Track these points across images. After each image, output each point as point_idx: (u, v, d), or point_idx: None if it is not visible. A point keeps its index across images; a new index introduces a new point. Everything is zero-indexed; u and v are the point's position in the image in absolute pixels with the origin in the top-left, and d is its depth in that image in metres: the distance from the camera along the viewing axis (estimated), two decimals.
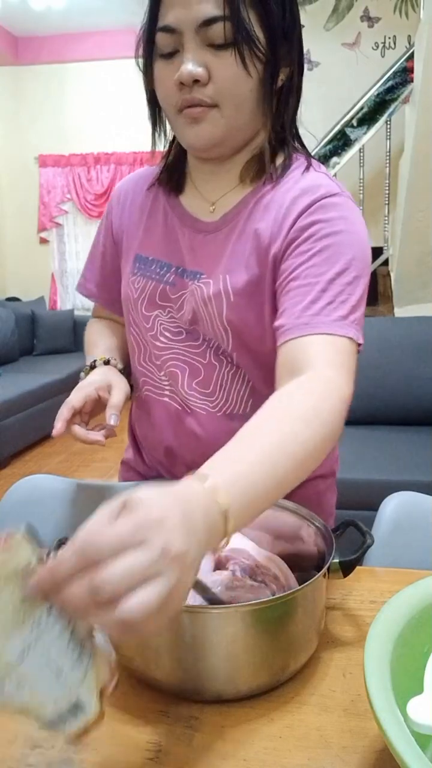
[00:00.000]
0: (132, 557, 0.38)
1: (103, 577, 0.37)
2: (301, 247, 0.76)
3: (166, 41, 0.74)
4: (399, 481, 1.93)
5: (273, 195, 0.81)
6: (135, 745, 0.51)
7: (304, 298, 0.73)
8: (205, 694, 0.55)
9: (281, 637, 0.56)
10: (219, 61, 0.73)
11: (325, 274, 0.73)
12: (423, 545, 0.83)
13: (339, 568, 0.63)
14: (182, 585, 0.40)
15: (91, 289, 1.02)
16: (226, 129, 0.77)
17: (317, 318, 0.71)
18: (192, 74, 0.72)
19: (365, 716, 0.53)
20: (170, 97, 0.76)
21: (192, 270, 0.84)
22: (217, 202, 0.85)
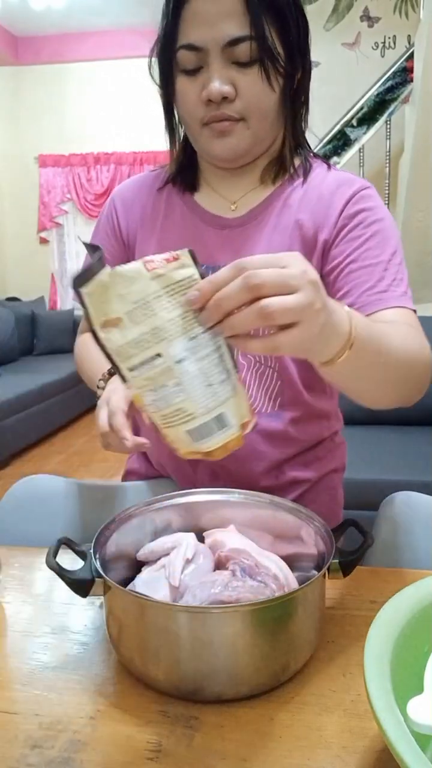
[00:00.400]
0: (278, 269, 0.45)
1: (256, 272, 0.44)
2: (353, 233, 0.83)
3: (189, 58, 0.77)
4: (399, 481, 1.93)
5: (305, 190, 0.87)
6: (135, 745, 0.51)
7: (369, 278, 0.80)
8: (205, 694, 0.55)
9: (281, 637, 0.56)
10: (245, 77, 0.77)
11: (381, 256, 0.81)
12: (423, 545, 0.83)
13: (339, 568, 0.63)
14: (314, 307, 0.46)
15: None
16: (252, 141, 0.82)
17: (386, 294, 0.79)
18: (221, 92, 0.76)
19: (365, 716, 0.53)
20: (195, 112, 0.80)
21: (224, 265, 0.85)
22: (239, 200, 0.89)
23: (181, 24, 0.77)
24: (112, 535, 0.68)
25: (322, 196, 0.86)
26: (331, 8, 4.44)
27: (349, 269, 0.82)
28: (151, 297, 0.45)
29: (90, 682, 0.59)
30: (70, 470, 3.57)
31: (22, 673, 0.61)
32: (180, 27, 0.77)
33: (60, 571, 0.59)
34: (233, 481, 0.90)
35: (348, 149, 4.00)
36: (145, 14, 5.00)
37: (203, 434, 0.48)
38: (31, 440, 3.97)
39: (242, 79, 0.77)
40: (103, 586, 0.59)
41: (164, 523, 0.75)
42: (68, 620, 0.70)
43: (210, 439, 0.48)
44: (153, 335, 0.45)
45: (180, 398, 0.46)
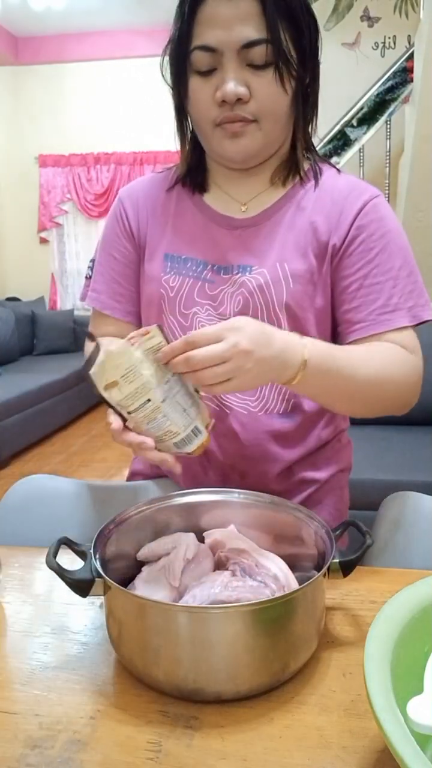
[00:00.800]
0: (213, 347, 0.62)
1: (194, 355, 0.62)
2: (364, 245, 0.86)
3: (203, 59, 0.79)
4: (399, 481, 1.93)
5: (318, 194, 0.89)
6: (135, 745, 0.51)
7: (379, 295, 0.85)
8: (205, 694, 0.55)
9: (281, 637, 0.56)
10: (259, 80, 0.79)
11: (391, 270, 0.85)
12: (423, 545, 0.83)
13: (339, 568, 0.63)
14: (243, 369, 0.63)
15: (105, 301, 0.99)
16: (264, 142, 0.83)
17: (395, 314, 0.84)
18: (236, 93, 0.78)
19: (365, 716, 0.53)
20: (208, 113, 0.81)
21: (238, 264, 0.88)
22: (250, 202, 0.90)
23: (196, 25, 0.78)
24: (112, 535, 0.68)
25: (336, 200, 0.87)
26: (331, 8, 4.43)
27: (359, 284, 0.85)
28: (137, 363, 0.64)
29: (90, 682, 0.59)
30: (70, 470, 3.57)
31: (22, 673, 0.61)
32: (195, 28, 0.78)
33: (60, 571, 0.59)
34: (244, 483, 0.90)
35: (348, 149, 3.99)
36: (145, 14, 5.00)
37: (186, 443, 0.68)
38: (31, 440, 3.97)
39: (256, 81, 0.78)
40: (103, 586, 0.59)
41: (164, 523, 0.75)
42: (68, 620, 0.70)
43: (191, 445, 0.69)
44: (142, 388, 0.64)
45: (167, 424, 0.66)
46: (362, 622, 0.67)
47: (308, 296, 0.87)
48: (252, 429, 0.89)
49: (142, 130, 5.56)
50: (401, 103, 3.86)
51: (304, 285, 0.86)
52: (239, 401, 0.89)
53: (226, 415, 0.89)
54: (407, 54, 3.79)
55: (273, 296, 0.86)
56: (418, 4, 4.03)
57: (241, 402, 0.89)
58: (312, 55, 0.83)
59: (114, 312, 1.00)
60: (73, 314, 5.49)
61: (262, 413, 0.89)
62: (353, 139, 3.99)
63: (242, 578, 0.64)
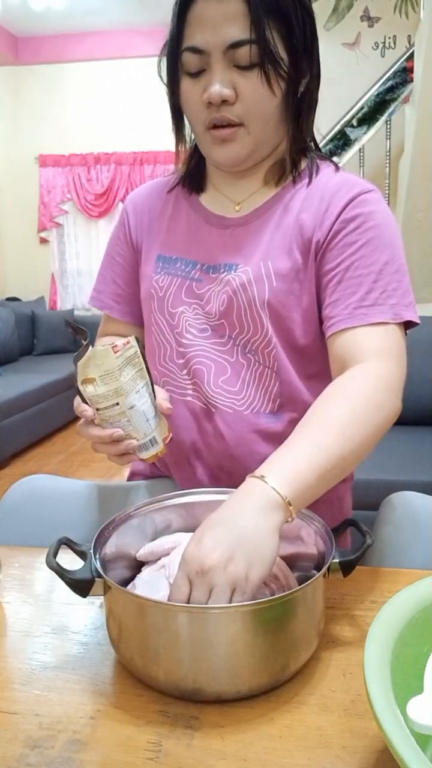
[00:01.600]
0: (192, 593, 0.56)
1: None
2: (347, 238, 0.82)
3: (193, 60, 0.78)
4: (399, 481, 1.93)
5: (309, 191, 0.87)
6: (135, 745, 0.51)
7: (357, 289, 0.80)
8: (205, 694, 0.55)
9: (281, 637, 0.56)
10: (245, 81, 0.77)
11: (374, 264, 0.80)
12: (423, 545, 0.83)
13: (339, 568, 0.63)
14: (237, 575, 0.55)
15: (105, 300, 1.02)
16: (253, 146, 0.83)
17: (372, 308, 0.79)
18: (221, 95, 0.77)
19: (365, 716, 0.53)
20: (198, 115, 0.81)
21: (225, 263, 0.88)
22: (244, 202, 0.90)
23: (186, 27, 0.78)
24: (112, 535, 0.68)
25: (324, 197, 0.85)
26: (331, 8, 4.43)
27: (338, 278, 0.81)
28: (116, 368, 0.69)
29: (90, 682, 0.59)
30: (70, 470, 3.57)
31: (22, 673, 0.61)
32: (185, 30, 0.78)
33: (60, 571, 0.59)
34: (233, 482, 0.90)
35: (348, 149, 3.99)
36: (145, 14, 5.00)
37: (142, 450, 0.75)
38: (31, 440, 3.97)
39: (243, 83, 0.77)
40: (103, 586, 0.59)
41: (164, 523, 0.75)
42: (68, 620, 0.70)
43: (146, 452, 0.75)
44: (115, 392, 0.70)
45: (130, 428, 0.73)
46: (362, 622, 0.67)
47: (293, 295, 0.85)
48: (238, 428, 0.88)
49: (142, 130, 5.55)
50: (401, 103, 3.85)
51: (289, 283, 0.84)
52: (225, 400, 0.88)
53: (211, 414, 0.89)
54: (407, 54, 3.79)
55: (255, 294, 0.84)
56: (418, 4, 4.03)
57: (227, 401, 0.88)
58: (307, 53, 0.81)
59: (113, 312, 1.02)
60: (73, 314, 5.49)
61: (249, 412, 0.88)
62: (353, 139, 3.99)
63: None
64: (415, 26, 3.78)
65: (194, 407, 0.90)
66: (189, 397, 0.90)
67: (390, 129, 3.91)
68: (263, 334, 0.86)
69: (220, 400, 0.88)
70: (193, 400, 0.90)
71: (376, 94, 3.90)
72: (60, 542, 0.64)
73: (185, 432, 0.90)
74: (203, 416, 0.89)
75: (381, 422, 0.72)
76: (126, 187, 5.70)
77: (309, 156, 0.90)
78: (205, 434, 0.90)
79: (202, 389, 0.88)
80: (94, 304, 1.03)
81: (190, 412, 0.90)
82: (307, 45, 0.80)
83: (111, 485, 0.99)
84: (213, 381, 0.88)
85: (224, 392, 0.88)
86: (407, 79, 3.79)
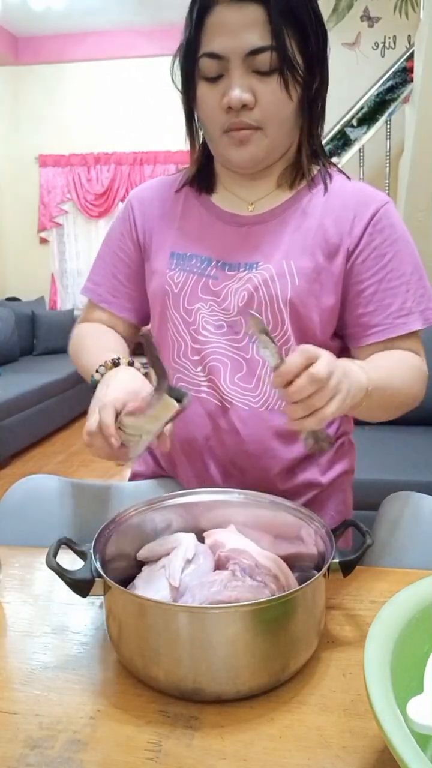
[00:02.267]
0: (319, 364, 0.62)
1: (316, 372, 0.61)
2: (377, 250, 0.88)
3: (211, 66, 0.80)
4: (399, 481, 1.93)
5: (328, 197, 0.90)
6: (135, 745, 0.51)
7: (394, 300, 0.87)
8: (205, 694, 0.55)
9: (281, 637, 0.56)
10: (264, 86, 0.79)
11: (404, 275, 0.88)
12: (423, 545, 0.83)
13: (339, 568, 0.63)
14: (338, 393, 0.64)
15: (103, 294, 1.01)
16: (270, 148, 0.85)
17: (410, 317, 0.87)
18: (241, 100, 0.79)
19: (365, 716, 0.53)
20: (216, 119, 0.83)
21: (244, 261, 0.89)
22: (257, 202, 0.92)
23: (204, 32, 0.79)
24: (112, 535, 0.68)
25: (347, 205, 0.88)
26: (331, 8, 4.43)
27: (374, 289, 0.88)
28: (164, 420, 0.69)
29: (90, 682, 0.59)
30: (70, 470, 3.57)
31: (22, 673, 0.61)
32: (203, 36, 0.79)
33: (60, 571, 0.59)
34: (245, 479, 0.90)
35: (348, 149, 3.99)
36: (145, 14, 5.00)
37: (134, 452, 0.72)
38: (31, 440, 3.97)
39: (262, 88, 0.79)
40: (103, 586, 0.59)
41: (164, 523, 0.75)
42: (68, 620, 0.70)
43: (134, 454, 0.73)
44: (146, 430, 0.70)
45: (132, 446, 0.71)
46: (362, 622, 0.67)
47: (313, 295, 0.87)
48: (253, 425, 0.89)
49: (142, 130, 5.56)
50: (401, 103, 3.85)
51: (310, 283, 0.87)
52: (240, 397, 0.89)
53: (226, 411, 0.89)
54: (407, 54, 3.79)
55: (277, 291, 0.86)
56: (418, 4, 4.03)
57: (242, 398, 0.89)
58: (319, 60, 0.84)
59: (111, 306, 1.01)
60: (73, 314, 5.49)
61: (263, 409, 0.89)
62: (353, 139, 3.99)
63: (242, 578, 0.64)
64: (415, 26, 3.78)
65: (208, 404, 0.90)
66: (203, 394, 0.90)
67: (390, 129, 3.91)
68: (282, 331, 0.87)
69: (235, 396, 0.89)
70: (208, 396, 0.90)
71: (376, 94, 3.90)
72: (60, 542, 0.64)
73: (198, 428, 0.91)
74: (218, 413, 0.90)
75: (416, 390, 0.87)
76: (126, 187, 5.70)
77: (321, 161, 0.92)
78: (219, 430, 0.90)
79: (218, 386, 0.89)
80: (90, 296, 1.01)
81: (204, 409, 0.90)
82: (320, 51, 0.83)
83: (111, 485, 0.99)
84: (229, 378, 0.89)
85: (240, 389, 0.89)
86: (407, 79, 3.79)
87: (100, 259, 1.03)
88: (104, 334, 1.01)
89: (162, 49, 5.18)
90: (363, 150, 3.95)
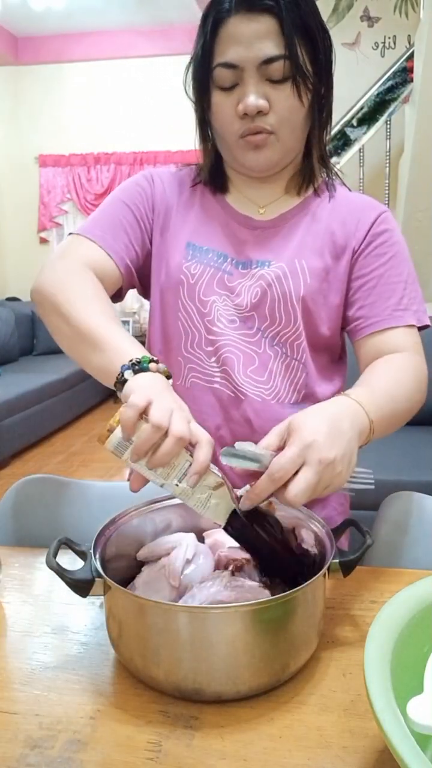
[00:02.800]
0: (304, 474, 0.60)
1: (292, 491, 0.60)
2: (378, 249, 0.93)
3: (226, 75, 0.83)
4: (399, 481, 1.93)
5: (334, 205, 0.96)
6: (135, 745, 0.51)
7: (392, 294, 0.91)
8: (205, 694, 0.55)
9: (281, 637, 0.56)
10: (278, 93, 0.83)
11: (402, 274, 0.93)
12: (423, 545, 0.83)
13: (339, 568, 0.63)
14: (339, 475, 0.64)
15: (108, 240, 0.91)
16: (283, 152, 0.89)
17: (405, 312, 0.91)
18: (257, 106, 0.82)
19: (365, 716, 0.53)
20: (231, 126, 0.86)
21: (257, 260, 0.92)
22: (267, 206, 0.96)
23: (217, 43, 0.83)
24: (112, 535, 0.68)
25: (352, 211, 0.95)
26: (331, 8, 4.43)
27: (375, 282, 0.92)
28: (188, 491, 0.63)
29: (90, 682, 0.59)
30: (70, 470, 3.57)
31: (22, 673, 0.61)
32: (217, 46, 0.83)
33: (60, 571, 0.59)
34: (248, 474, 0.90)
35: (348, 149, 3.99)
36: (145, 14, 5.00)
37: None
38: (31, 440, 3.96)
39: (275, 95, 0.83)
40: (103, 586, 0.59)
41: (164, 523, 0.75)
42: (68, 620, 0.70)
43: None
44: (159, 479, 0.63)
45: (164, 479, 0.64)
46: (362, 622, 0.67)
47: (322, 294, 0.92)
48: (265, 416, 0.91)
49: (142, 130, 5.55)
50: (401, 103, 3.85)
51: (320, 282, 0.91)
52: (254, 388, 0.92)
53: (240, 402, 0.91)
54: (407, 54, 3.79)
55: (291, 287, 0.90)
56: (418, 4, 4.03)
57: (256, 389, 0.92)
58: (327, 68, 0.88)
59: (113, 254, 0.91)
60: None
61: (275, 402, 0.92)
62: (353, 139, 3.99)
63: (242, 578, 0.64)
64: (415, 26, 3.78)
65: (221, 395, 0.92)
66: (216, 384, 0.92)
67: (390, 129, 3.91)
68: (294, 327, 0.91)
69: (249, 388, 0.91)
70: (221, 387, 0.92)
71: (376, 94, 3.90)
72: (60, 542, 0.64)
73: (210, 418, 0.92)
74: (230, 403, 0.92)
75: (420, 394, 0.87)
76: None
77: (326, 171, 0.97)
78: (231, 421, 0.92)
79: (232, 377, 0.91)
80: (87, 234, 0.91)
81: (217, 399, 0.92)
82: (327, 60, 0.88)
83: (111, 485, 0.99)
84: (242, 370, 0.91)
85: (253, 381, 0.92)
86: (407, 79, 3.79)
87: (108, 207, 0.95)
88: (103, 297, 0.84)
89: (162, 49, 5.18)
90: (363, 150, 3.95)
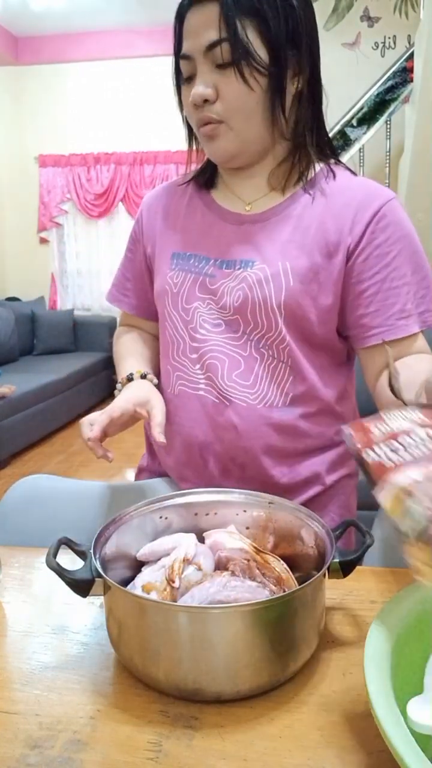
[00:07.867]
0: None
1: None
2: (380, 249, 0.86)
3: (186, 68, 0.85)
4: None
5: (329, 197, 0.89)
6: (135, 745, 0.51)
7: (396, 300, 0.86)
8: (205, 694, 0.55)
9: (281, 637, 0.56)
10: (225, 79, 0.82)
11: (406, 276, 0.86)
12: None
13: (339, 568, 0.63)
14: None
15: (115, 294, 1.09)
16: (239, 142, 0.86)
17: (411, 319, 0.86)
18: (201, 95, 0.82)
19: (365, 716, 0.53)
20: (192, 117, 0.87)
21: (240, 259, 0.90)
22: (254, 203, 0.93)
23: (183, 38, 0.84)
24: (112, 535, 0.68)
25: (348, 202, 0.88)
26: (331, 8, 4.43)
27: (376, 289, 0.87)
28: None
29: (90, 682, 0.59)
30: (70, 470, 3.57)
31: (22, 673, 0.61)
32: (182, 41, 0.84)
33: (60, 571, 0.59)
34: (244, 475, 0.90)
35: (348, 149, 3.99)
36: (145, 14, 5.00)
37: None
38: (31, 440, 3.97)
39: (222, 81, 0.82)
40: (103, 586, 0.59)
41: (164, 523, 0.75)
42: (68, 620, 0.70)
43: None
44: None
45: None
46: (362, 622, 0.67)
47: (310, 296, 0.87)
48: (251, 421, 0.89)
49: (142, 130, 5.55)
50: (401, 103, 3.86)
51: (307, 284, 0.87)
52: (239, 393, 0.90)
53: (225, 408, 0.90)
54: (407, 54, 3.79)
55: (271, 293, 0.87)
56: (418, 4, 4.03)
57: (241, 394, 0.89)
58: (293, 44, 0.82)
59: (121, 305, 1.09)
60: (73, 314, 5.49)
61: (262, 406, 0.90)
62: (353, 139, 3.99)
63: (242, 578, 0.64)
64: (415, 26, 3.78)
65: (206, 401, 0.91)
66: (201, 391, 0.91)
67: (390, 129, 3.91)
68: (277, 332, 0.88)
69: (234, 393, 0.90)
70: (206, 394, 0.91)
71: (376, 94, 3.90)
72: (60, 542, 0.63)
73: (197, 425, 0.92)
74: (216, 410, 0.90)
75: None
76: (126, 187, 5.70)
77: (324, 160, 0.92)
78: (217, 427, 0.91)
79: (216, 383, 0.90)
80: (106, 297, 1.11)
81: (202, 406, 0.91)
82: (290, 35, 0.81)
83: (111, 485, 0.99)
84: (227, 375, 0.90)
85: (238, 386, 0.90)
86: (407, 79, 3.80)
87: (121, 268, 1.10)
88: (132, 341, 1.08)
89: (162, 49, 5.18)
90: (363, 150, 3.96)
